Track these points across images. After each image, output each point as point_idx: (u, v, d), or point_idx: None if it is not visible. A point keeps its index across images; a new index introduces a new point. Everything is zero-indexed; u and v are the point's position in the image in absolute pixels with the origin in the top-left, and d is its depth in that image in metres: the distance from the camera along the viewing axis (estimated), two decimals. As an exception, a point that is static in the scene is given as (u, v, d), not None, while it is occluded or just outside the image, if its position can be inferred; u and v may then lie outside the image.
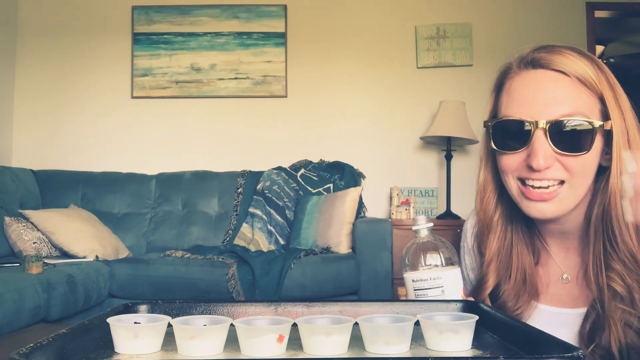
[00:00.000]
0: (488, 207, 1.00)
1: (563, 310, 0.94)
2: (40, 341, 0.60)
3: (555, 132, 0.86)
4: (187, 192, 3.80)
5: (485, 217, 1.00)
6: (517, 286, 0.96)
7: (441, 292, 0.84)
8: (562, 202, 0.89)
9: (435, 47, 4.13)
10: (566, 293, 0.96)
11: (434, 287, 0.84)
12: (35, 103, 4.13)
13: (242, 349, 0.67)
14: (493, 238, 0.99)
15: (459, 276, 0.87)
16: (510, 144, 0.91)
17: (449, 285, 0.84)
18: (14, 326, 2.19)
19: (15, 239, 3.10)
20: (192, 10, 4.16)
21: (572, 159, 0.87)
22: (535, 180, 0.89)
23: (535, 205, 0.90)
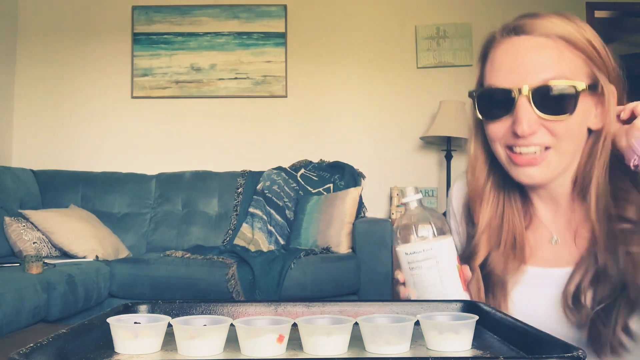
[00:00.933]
0: (480, 177, 1.00)
1: (550, 271, 0.95)
2: (40, 341, 0.60)
3: (539, 97, 0.87)
4: (187, 192, 3.80)
5: (477, 187, 1.01)
6: (506, 252, 0.97)
7: (435, 263, 0.82)
8: (550, 167, 0.90)
9: (435, 47, 4.13)
10: (555, 254, 0.96)
11: (428, 259, 0.82)
12: (35, 103, 4.13)
13: (242, 349, 0.67)
14: (485, 207, 0.99)
15: (452, 245, 0.86)
16: (496, 112, 0.91)
17: (442, 255, 0.83)
18: (14, 326, 2.19)
19: (15, 239, 3.10)
20: (192, 10, 4.16)
21: (557, 123, 0.87)
22: (522, 147, 0.89)
23: (524, 171, 0.91)
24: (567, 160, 0.91)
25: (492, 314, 0.79)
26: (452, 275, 0.83)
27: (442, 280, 0.82)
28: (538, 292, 0.94)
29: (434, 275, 0.82)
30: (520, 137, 0.88)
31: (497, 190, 1.00)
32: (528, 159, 0.89)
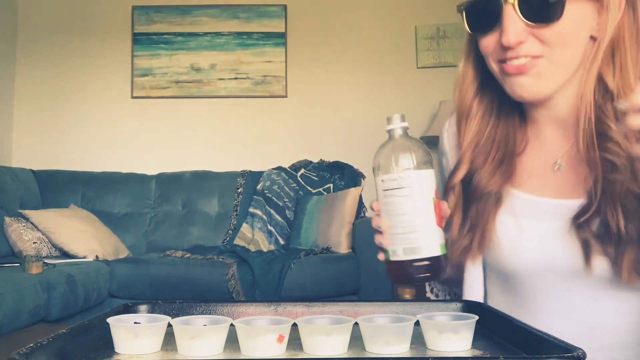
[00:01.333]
0: (466, 95, 0.95)
1: (546, 201, 0.89)
2: (40, 341, 0.60)
3: (525, 4, 0.82)
4: (187, 192, 3.80)
5: (462, 104, 0.95)
6: (494, 166, 0.92)
7: (410, 192, 0.78)
8: (543, 77, 0.84)
9: (435, 47, 4.13)
10: (555, 183, 0.90)
11: (403, 187, 0.78)
12: (35, 103, 4.13)
13: (242, 349, 0.67)
14: (472, 123, 0.94)
15: (431, 178, 0.80)
16: (484, 24, 0.87)
17: (418, 185, 0.78)
18: (14, 326, 2.19)
19: (15, 239, 3.10)
20: (192, 10, 4.16)
21: (545, 29, 0.82)
22: (512, 60, 0.84)
23: (516, 81, 0.85)
24: (562, 72, 0.85)
25: (492, 314, 0.79)
26: (426, 207, 0.77)
27: (414, 210, 0.77)
28: (530, 222, 0.89)
29: (407, 204, 0.78)
30: (509, 49, 0.83)
31: (487, 109, 0.94)
32: (517, 67, 0.84)
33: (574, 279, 0.86)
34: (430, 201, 0.78)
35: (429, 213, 0.78)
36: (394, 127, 0.83)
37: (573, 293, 0.87)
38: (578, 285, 0.86)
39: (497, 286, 0.96)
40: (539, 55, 0.83)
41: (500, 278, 0.95)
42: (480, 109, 0.94)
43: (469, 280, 0.97)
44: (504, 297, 0.95)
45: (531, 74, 0.84)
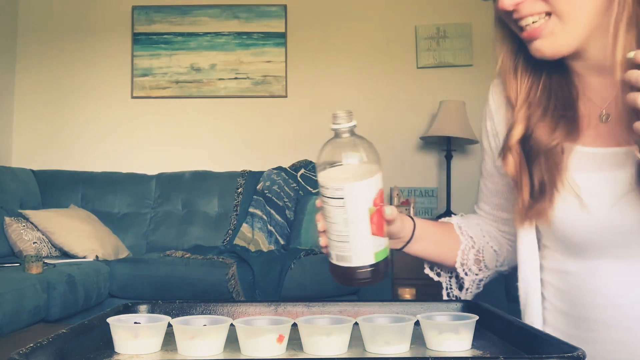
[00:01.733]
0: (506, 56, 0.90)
1: (606, 150, 0.83)
2: (40, 341, 0.60)
3: None
4: (187, 192, 3.80)
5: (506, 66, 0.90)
6: (555, 120, 0.85)
7: (342, 204, 0.75)
8: (557, 36, 0.79)
9: (435, 47, 4.13)
10: (607, 132, 0.84)
11: (335, 198, 0.75)
12: (35, 103, 4.13)
13: (242, 349, 0.67)
14: (524, 79, 0.89)
15: (369, 188, 0.76)
16: None
17: (351, 198, 0.75)
18: (14, 326, 2.19)
19: (15, 239, 3.10)
20: (192, 10, 4.16)
21: None
22: (520, 21, 0.81)
23: (533, 45, 0.82)
24: (578, 24, 0.79)
25: (492, 314, 0.79)
26: (359, 219, 0.75)
27: (345, 222, 0.75)
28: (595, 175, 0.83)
29: (340, 215, 0.75)
30: (513, 11, 0.80)
31: (534, 65, 0.88)
32: (529, 32, 0.80)
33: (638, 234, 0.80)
34: (365, 212, 0.75)
35: (362, 224, 0.75)
36: (340, 128, 0.78)
37: (637, 251, 0.81)
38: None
39: (555, 250, 0.91)
40: (543, 11, 0.79)
41: (560, 241, 0.89)
42: (528, 68, 0.89)
43: (523, 250, 0.93)
44: (563, 262, 0.89)
45: (545, 35, 0.80)
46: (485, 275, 1.05)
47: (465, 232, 1.03)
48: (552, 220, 0.86)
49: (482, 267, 1.04)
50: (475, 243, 1.03)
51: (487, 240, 1.04)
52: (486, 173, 1.02)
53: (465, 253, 1.02)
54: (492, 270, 1.05)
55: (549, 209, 0.85)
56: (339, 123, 0.78)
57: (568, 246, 0.88)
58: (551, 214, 0.85)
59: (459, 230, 1.04)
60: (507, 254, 1.05)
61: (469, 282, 1.04)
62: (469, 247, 1.02)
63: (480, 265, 1.04)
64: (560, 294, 0.91)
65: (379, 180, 0.78)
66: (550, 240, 0.91)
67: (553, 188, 0.84)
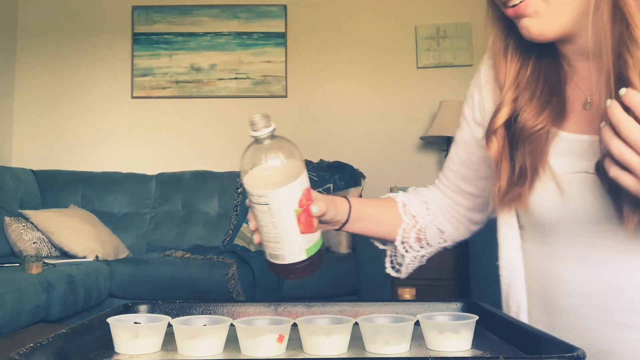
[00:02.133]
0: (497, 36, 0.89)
1: (588, 138, 0.82)
2: (40, 341, 0.60)
3: None
4: (187, 192, 3.81)
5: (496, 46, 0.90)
6: (542, 104, 0.85)
7: (268, 209, 0.77)
8: (542, 17, 0.79)
9: (435, 47, 4.13)
10: (590, 119, 0.83)
11: (260, 204, 0.77)
12: (35, 103, 4.13)
13: (242, 349, 0.67)
14: (513, 61, 0.88)
15: (293, 191, 0.77)
16: None
17: (276, 203, 0.76)
18: (14, 326, 2.19)
19: (15, 239, 3.10)
20: (192, 10, 4.16)
21: None
22: (507, 1, 0.81)
23: (521, 24, 0.81)
24: (563, 6, 0.79)
25: (492, 314, 0.79)
26: (286, 221, 0.77)
27: (273, 224, 0.77)
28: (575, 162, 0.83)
29: (267, 218, 0.77)
30: None
31: (524, 48, 0.88)
32: (514, 10, 0.80)
33: (607, 225, 0.80)
34: (292, 214, 0.77)
35: (290, 226, 0.78)
36: (259, 135, 0.77)
37: (603, 242, 0.81)
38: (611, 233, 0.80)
39: (531, 235, 0.91)
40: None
41: (534, 225, 0.89)
42: (518, 49, 0.88)
43: (505, 230, 0.93)
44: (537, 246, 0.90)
45: (530, 14, 0.80)
46: (427, 252, 1.06)
47: (409, 211, 1.03)
48: (530, 205, 0.86)
49: (423, 245, 1.05)
50: (418, 222, 1.03)
51: (432, 219, 1.04)
52: (462, 142, 1.02)
53: (407, 232, 1.02)
54: (435, 247, 1.06)
55: (528, 194, 0.85)
56: (257, 130, 0.77)
57: (540, 231, 0.88)
58: (530, 199, 0.85)
59: (402, 208, 1.03)
60: (453, 231, 1.06)
61: (410, 258, 1.05)
62: (410, 226, 1.02)
63: (421, 243, 1.05)
64: (526, 276, 0.92)
65: (303, 181, 0.79)
66: (526, 223, 0.91)
67: (534, 173, 0.84)
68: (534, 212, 0.87)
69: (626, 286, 0.80)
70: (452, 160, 1.04)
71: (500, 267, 0.95)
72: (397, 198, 1.05)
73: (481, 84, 0.98)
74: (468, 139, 1.00)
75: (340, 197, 0.98)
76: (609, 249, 0.81)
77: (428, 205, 1.05)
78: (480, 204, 1.04)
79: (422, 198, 1.06)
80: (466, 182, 1.02)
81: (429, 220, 1.04)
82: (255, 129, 0.77)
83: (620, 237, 0.79)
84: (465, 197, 1.03)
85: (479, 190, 1.02)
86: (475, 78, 1.00)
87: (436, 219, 1.04)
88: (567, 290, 0.85)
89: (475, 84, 1.00)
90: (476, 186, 1.01)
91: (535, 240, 0.90)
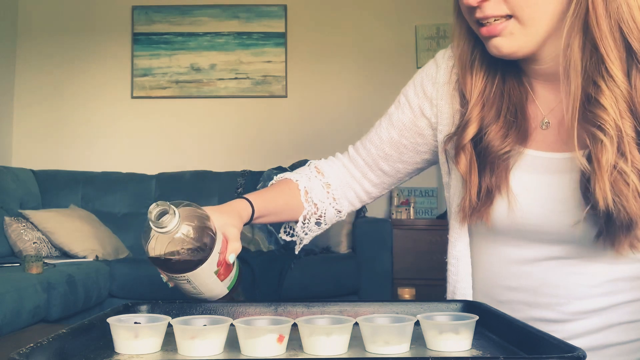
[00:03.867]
0: (465, 47, 0.91)
1: (552, 155, 0.86)
2: (40, 341, 0.60)
3: None
4: (187, 192, 3.80)
5: (463, 57, 0.91)
6: (507, 125, 0.87)
7: (186, 281, 0.80)
8: (516, 38, 0.81)
9: (435, 47, 4.13)
10: (553, 138, 0.87)
11: (180, 280, 0.81)
12: (35, 103, 4.14)
13: (242, 349, 0.67)
14: (477, 79, 0.90)
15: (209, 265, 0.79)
16: None
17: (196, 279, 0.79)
18: (14, 326, 2.19)
19: (15, 239, 3.10)
20: (192, 10, 4.16)
21: None
22: (482, 21, 0.82)
23: (491, 42, 0.83)
24: (537, 28, 0.80)
25: (492, 314, 0.79)
26: (208, 282, 0.81)
27: (195, 287, 0.81)
28: (540, 178, 0.87)
29: (187, 287, 0.81)
30: (476, 9, 0.81)
31: (490, 63, 0.89)
32: (488, 29, 0.81)
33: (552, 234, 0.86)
34: (212, 276, 0.81)
35: (211, 283, 0.82)
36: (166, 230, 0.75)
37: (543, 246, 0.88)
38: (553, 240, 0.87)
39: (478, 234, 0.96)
40: (505, 14, 0.80)
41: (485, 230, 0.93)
42: (484, 63, 0.90)
43: (457, 228, 0.97)
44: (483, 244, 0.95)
45: (504, 34, 0.81)
46: (325, 228, 1.11)
47: (310, 199, 1.05)
48: (490, 219, 0.90)
49: (322, 226, 1.09)
50: (319, 209, 1.06)
51: (331, 202, 1.07)
52: (399, 123, 1.03)
53: (307, 218, 1.05)
54: (331, 223, 1.11)
55: (490, 209, 0.89)
56: (164, 226, 0.75)
57: (489, 233, 0.93)
58: (490, 213, 0.89)
59: (304, 196, 1.05)
60: (348, 206, 1.10)
61: (308, 238, 1.09)
62: (311, 213, 1.05)
63: (320, 226, 1.09)
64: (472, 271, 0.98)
65: (217, 248, 0.80)
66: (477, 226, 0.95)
67: (496, 191, 0.88)
68: (490, 222, 0.91)
69: (552, 287, 0.88)
70: (379, 136, 1.05)
71: (449, 263, 0.99)
72: (299, 184, 1.06)
73: (438, 81, 1.00)
74: (408, 123, 1.02)
75: (241, 201, 0.99)
76: (546, 252, 0.88)
77: (329, 187, 1.08)
78: (386, 183, 1.08)
79: (323, 180, 1.08)
80: (385, 161, 1.04)
81: (328, 204, 1.07)
82: (161, 226, 0.75)
83: (554, 243, 0.87)
84: (376, 174, 1.06)
85: (393, 171, 1.05)
86: (431, 71, 1.02)
87: (335, 201, 1.08)
88: (504, 285, 0.92)
89: (429, 76, 1.02)
90: (393, 167, 1.05)
91: (482, 239, 0.96)
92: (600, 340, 0.88)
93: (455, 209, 0.96)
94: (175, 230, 0.76)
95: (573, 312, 0.88)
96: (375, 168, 1.06)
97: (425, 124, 1.00)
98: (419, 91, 1.02)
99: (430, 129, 1.00)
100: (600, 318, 0.87)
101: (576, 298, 0.87)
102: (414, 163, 1.04)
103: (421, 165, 1.05)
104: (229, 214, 0.90)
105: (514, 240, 0.90)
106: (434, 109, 0.99)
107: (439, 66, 1.00)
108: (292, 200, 1.05)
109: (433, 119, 0.99)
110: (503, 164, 0.88)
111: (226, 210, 0.90)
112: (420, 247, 3.62)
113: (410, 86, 1.05)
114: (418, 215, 3.99)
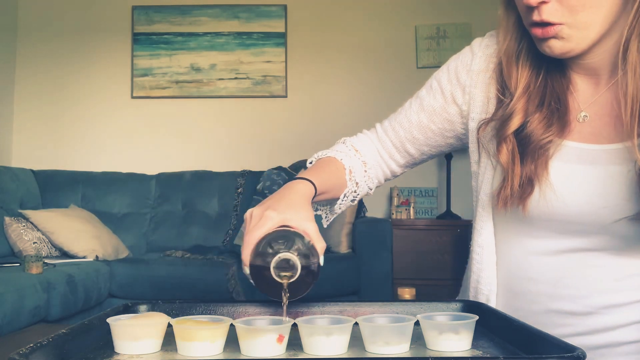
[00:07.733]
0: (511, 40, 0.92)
1: (592, 147, 0.87)
2: (40, 341, 0.60)
3: None
4: (187, 192, 3.80)
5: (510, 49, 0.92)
6: (550, 115, 0.89)
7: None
8: (570, 40, 0.83)
9: (435, 47, 4.13)
10: (590, 130, 0.89)
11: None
12: (35, 103, 4.13)
13: (242, 349, 0.67)
14: (524, 71, 0.91)
15: None
16: None
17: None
18: (14, 326, 2.19)
19: (15, 239, 3.10)
20: (192, 10, 4.16)
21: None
22: (538, 22, 0.83)
23: (545, 43, 0.84)
24: (591, 32, 0.82)
25: (492, 314, 0.79)
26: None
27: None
28: (579, 169, 0.88)
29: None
30: (534, 10, 0.82)
31: (535, 57, 0.91)
32: (544, 32, 0.83)
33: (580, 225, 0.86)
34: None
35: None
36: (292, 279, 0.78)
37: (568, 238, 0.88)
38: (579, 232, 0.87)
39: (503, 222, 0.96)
40: (559, 22, 0.82)
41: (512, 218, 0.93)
42: (530, 55, 0.91)
43: (484, 215, 0.97)
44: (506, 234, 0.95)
45: (559, 37, 0.83)
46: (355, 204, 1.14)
47: (354, 177, 1.07)
48: (528, 207, 0.90)
49: (355, 202, 1.11)
50: (359, 187, 1.08)
51: (366, 180, 1.08)
52: (430, 108, 1.05)
53: (347, 195, 1.06)
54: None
55: (530, 197, 0.89)
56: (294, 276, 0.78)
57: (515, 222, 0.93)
58: (530, 202, 0.90)
59: (349, 175, 1.06)
60: (377, 183, 1.12)
61: (339, 212, 1.10)
62: (351, 191, 1.07)
63: (354, 201, 1.10)
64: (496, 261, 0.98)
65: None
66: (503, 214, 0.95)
67: (536, 180, 0.89)
68: (527, 210, 0.91)
69: (574, 279, 0.88)
70: (409, 119, 1.08)
71: (473, 251, 1.00)
72: (344, 163, 1.07)
73: (472, 69, 1.01)
74: (438, 109, 1.04)
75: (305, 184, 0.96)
76: (571, 244, 0.88)
77: (365, 165, 1.10)
78: (410, 163, 1.11)
79: (362, 158, 1.10)
80: (412, 144, 1.07)
81: (364, 183, 1.09)
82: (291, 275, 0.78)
83: (585, 235, 0.87)
84: (402, 155, 1.09)
85: (418, 153, 1.07)
86: (466, 59, 1.04)
87: (369, 179, 1.09)
88: (525, 276, 0.93)
89: (464, 64, 1.04)
90: (419, 150, 1.07)
91: (505, 229, 0.96)
92: (619, 337, 0.87)
93: (484, 198, 0.97)
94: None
95: (594, 306, 0.88)
96: (402, 150, 1.08)
97: (455, 111, 1.02)
98: (452, 78, 1.04)
99: (459, 116, 1.02)
100: (621, 314, 0.87)
101: (598, 291, 0.87)
102: (438, 147, 1.06)
103: (445, 149, 1.07)
104: (303, 207, 0.88)
105: (540, 231, 0.90)
106: (466, 97, 1.01)
107: (474, 54, 1.03)
108: (340, 179, 1.06)
109: (464, 107, 1.00)
110: (543, 154, 0.88)
111: (300, 204, 0.88)
112: (420, 247, 3.62)
113: (444, 71, 1.07)
114: (418, 215, 3.99)
